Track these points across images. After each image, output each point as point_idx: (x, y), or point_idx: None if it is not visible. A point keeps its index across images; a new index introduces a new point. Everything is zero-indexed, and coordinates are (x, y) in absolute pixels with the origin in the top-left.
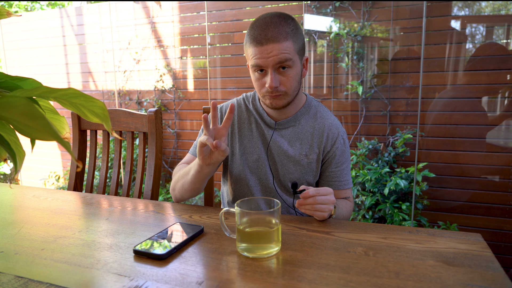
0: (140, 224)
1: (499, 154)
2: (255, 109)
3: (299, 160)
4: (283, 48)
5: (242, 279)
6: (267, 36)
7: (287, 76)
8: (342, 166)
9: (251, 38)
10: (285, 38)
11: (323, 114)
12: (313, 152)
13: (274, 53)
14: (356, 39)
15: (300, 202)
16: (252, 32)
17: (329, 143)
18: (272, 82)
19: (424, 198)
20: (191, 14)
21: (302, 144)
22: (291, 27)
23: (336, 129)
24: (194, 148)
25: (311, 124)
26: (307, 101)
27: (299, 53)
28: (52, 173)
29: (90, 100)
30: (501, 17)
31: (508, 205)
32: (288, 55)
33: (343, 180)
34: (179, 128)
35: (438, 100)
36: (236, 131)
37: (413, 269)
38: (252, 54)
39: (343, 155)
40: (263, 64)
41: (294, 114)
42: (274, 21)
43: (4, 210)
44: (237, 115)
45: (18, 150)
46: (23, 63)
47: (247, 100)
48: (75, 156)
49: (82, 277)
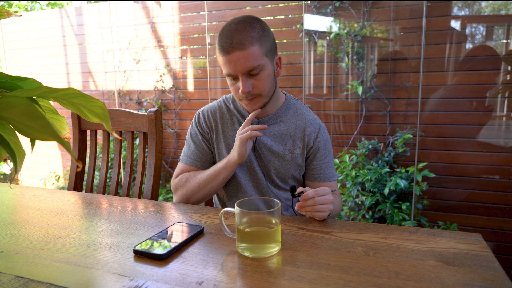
0: (140, 224)
1: (499, 154)
2: (236, 109)
3: (283, 155)
4: (249, 55)
5: (242, 279)
6: (232, 44)
7: (259, 79)
8: (326, 159)
9: (219, 47)
10: (251, 43)
11: (303, 111)
12: (296, 147)
13: (241, 62)
14: (356, 39)
15: (300, 204)
16: (219, 40)
17: (312, 138)
18: (244, 88)
19: (424, 198)
20: (191, 14)
21: (285, 140)
22: (256, 31)
23: (317, 124)
24: (187, 157)
25: (293, 121)
26: (287, 99)
27: (269, 54)
28: (52, 173)
29: (90, 100)
30: (501, 17)
31: (508, 205)
32: (255, 62)
33: (328, 173)
34: (179, 128)
35: (432, 100)
36: (220, 133)
37: (413, 269)
38: (222, 63)
39: (326, 148)
40: (232, 72)
41: (274, 112)
42: (239, 27)
43: (4, 210)
44: (219, 117)
45: (18, 150)
46: (23, 63)
47: (227, 101)
48: (75, 156)
49: (82, 277)
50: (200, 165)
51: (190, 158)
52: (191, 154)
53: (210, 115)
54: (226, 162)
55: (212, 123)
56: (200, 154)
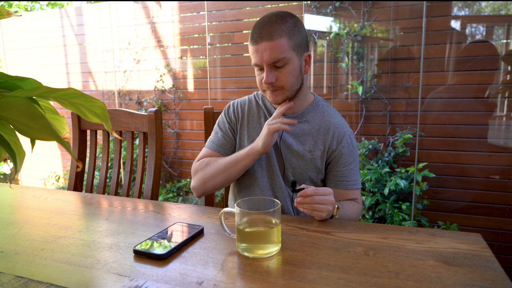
0: (140, 224)
1: (499, 154)
2: (264, 105)
3: (302, 155)
4: (275, 46)
5: (242, 279)
6: (261, 35)
7: (283, 72)
8: (350, 166)
9: (250, 37)
10: (279, 35)
11: (330, 113)
12: (317, 148)
13: (267, 52)
14: (356, 39)
15: (298, 201)
16: (252, 30)
17: (335, 142)
18: (267, 78)
19: (424, 198)
20: (191, 14)
21: (306, 140)
22: (287, 25)
23: (342, 128)
24: (211, 143)
25: (318, 121)
26: (315, 100)
27: (297, 49)
28: (52, 173)
29: (90, 100)
30: (501, 17)
31: (508, 205)
32: (281, 54)
33: (351, 180)
34: (179, 128)
35: (431, 100)
36: (245, 125)
37: (413, 269)
38: (251, 52)
39: (351, 154)
40: (258, 62)
41: (301, 111)
42: (271, 20)
43: (4, 210)
44: (247, 110)
45: (18, 150)
46: (23, 63)
47: (258, 97)
48: (75, 156)
49: (82, 277)
50: (223, 152)
51: (215, 144)
52: (216, 140)
53: (239, 107)
54: (248, 149)
55: (239, 114)
56: (225, 142)
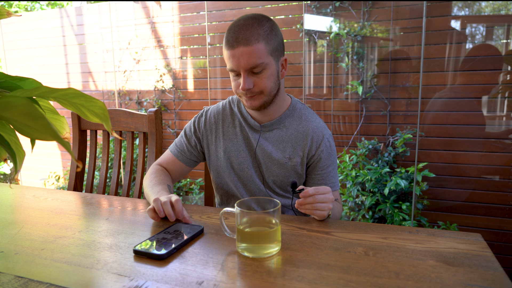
0: (140, 224)
1: (499, 154)
2: (240, 112)
3: (283, 163)
4: (253, 52)
5: (242, 279)
6: (237, 39)
7: (261, 77)
8: (328, 168)
9: (225, 41)
10: (256, 40)
11: (308, 117)
12: (296, 155)
13: (244, 57)
14: (356, 39)
15: (300, 202)
16: (227, 34)
17: (314, 147)
18: (245, 84)
19: (424, 198)
20: (191, 14)
21: (285, 147)
22: (264, 29)
23: (321, 132)
24: (174, 146)
25: (295, 127)
26: (292, 103)
27: (274, 54)
28: (52, 173)
29: (90, 100)
30: (501, 17)
31: (508, 205)
32: (258, 60)
33: (329, 183)
34: (179, 128)
35: (436, 100)
36: (220, 135)
37: (413, 269)
38: (226, 57)
39: (329, 157)
40: (235, 68)
41: (278, 116)
42: (247, 23)
43: (4, 210)
44: (222, 118)
45: (18, 150)
46: (23, 63)
47: (233, 103)
48: (75, 156)
49: (82, 277)
50: (182, 158)
51: (177, 148)
52: (179, 145)
53: (212, 117)
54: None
55: (213, 125)
56: (185, 149)
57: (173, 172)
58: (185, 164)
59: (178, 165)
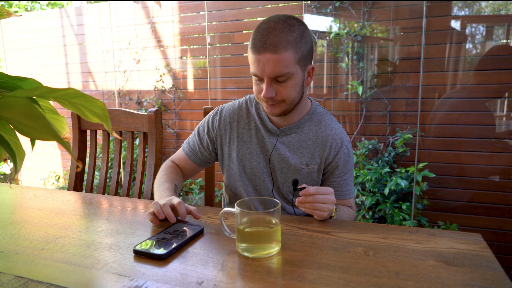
0: (140, 224)
1: (499, 154)
2: (258, 114)
3: (299, 169)
4: (280, 60)
5: (242, 279)
6: (265, 44)
7: (285, 86)
8: (345, 176)
9: (251, 43)
10: (285, 48)
11: (328, 122)
12: (314, 162)
13: (270, 65)
14: (356, 39)
15: (300, 200)
16: (254, 36)
17: (332, 154)
18: (267, 93)
19: (424, 198)
20: (191, 14)
21: (303, 153)
22: (294, 35)
23: (340, 138)
24: (187, 145)
25: (314, 132)
26: (312, 107)
27: (301, 63)
28: (52, 173)
29: (90, 100)
30: (501, 17)
31: (508, 205)
32: (284, 69)
33: (344, 190)
34: (179, 128)
35: (445, 101)
36: (234, 137)
37: (413, 269)
38: (251, 61)
39: (346, 165)
40: (259, 74)
41: (297, 121)
42: (277, 27)
43: (4, 210)
44: (237, 119)
45: (18, 150)
46: (23, 63)
47: (250, 103)
48: (75, 156)
49: (82, 277)
50: (193, 158)
51: (189, 147)
52: (192, 143)
53: (228, 117)
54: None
55: (227, 125)
56: (197, 149)
57: (185, 170)
58: (196, 164)
59: (189, 164)
